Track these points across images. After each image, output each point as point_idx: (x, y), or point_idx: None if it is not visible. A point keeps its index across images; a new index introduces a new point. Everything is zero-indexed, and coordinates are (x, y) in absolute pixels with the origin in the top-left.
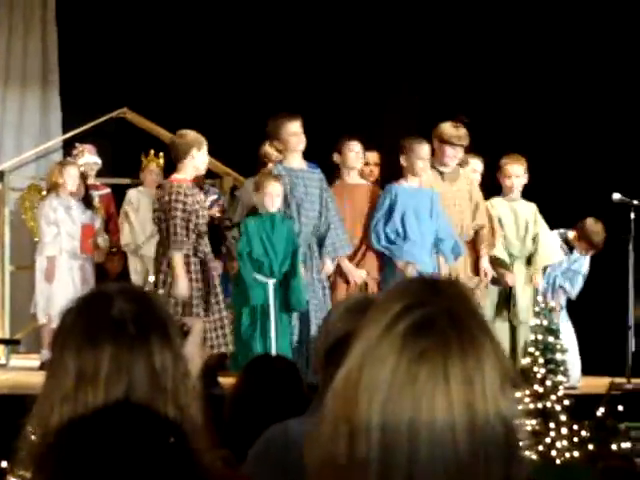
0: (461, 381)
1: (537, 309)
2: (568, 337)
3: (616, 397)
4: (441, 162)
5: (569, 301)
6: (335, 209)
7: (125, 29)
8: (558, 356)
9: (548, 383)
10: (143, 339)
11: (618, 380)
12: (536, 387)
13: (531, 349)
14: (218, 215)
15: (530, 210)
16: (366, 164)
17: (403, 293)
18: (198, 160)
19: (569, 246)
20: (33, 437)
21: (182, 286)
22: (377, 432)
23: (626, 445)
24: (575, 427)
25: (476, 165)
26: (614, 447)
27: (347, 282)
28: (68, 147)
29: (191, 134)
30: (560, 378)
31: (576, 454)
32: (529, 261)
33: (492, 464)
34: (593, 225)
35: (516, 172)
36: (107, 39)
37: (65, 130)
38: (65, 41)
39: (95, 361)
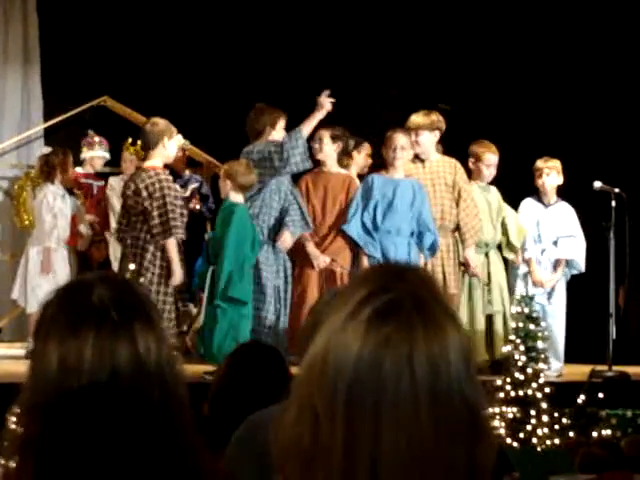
0: (426, 366)
1: (518, 297)
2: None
3: (597, 384)
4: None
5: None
6: (298, 192)
7: (106, 17)
8: (539, 344)
9: (529, 371)
10: (126, 325)
11: (599, 367)
12: (517, 375)
13: (512, 337)
14: (197, 207)
15: (497, 196)
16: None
17: (367, 279)
18: (169, 149)
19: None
20: (17, 427)
21: (178, 273)
22: (341, 417)
23: (607, 432)
24: (556, 415)
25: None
26: (595, 434)
27: (312, 267)
28: (49, 135)
29: (162, 123)
30: (541, 366)
31: (557, 441)
32: (500, 248)
33: (456, 449)
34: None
35: (492, 161)
36: (88, 27)
37: (46, 118)
38: (46, 29)
39: (78, 349)
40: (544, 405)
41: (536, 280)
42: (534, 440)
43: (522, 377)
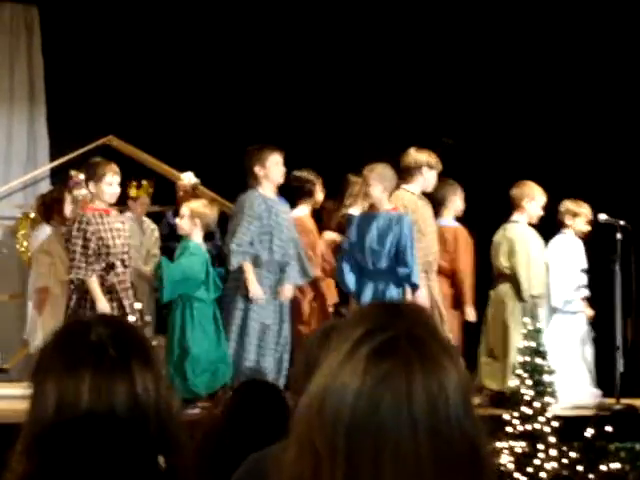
0: (424, 403)
1: (524, 331)
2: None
3: (605, 418)
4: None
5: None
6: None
7: (112, 57)
8: (546, 378)
9: (536, 405)
10: (124, 362)
11: (607, 401)
12: (524, 409)
13: (519, 371)
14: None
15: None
16: None
17: (364, 318)
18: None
19: None
20: (17, 466)
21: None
22: (342, 455)
23: (615, 466)
24: (564, 448)
25: None
26: (603, 468)
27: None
28: (56, 175)
29: (95, 164)
30: (548, 399)
31: (565, 475)
32: None
33: None
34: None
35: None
36: (93, 68)
37: (52, 158)
38: (51, 70)
39: (76, 388)
40: (552, 439)
41: None
42: (542, 474)
43: (530, 411)
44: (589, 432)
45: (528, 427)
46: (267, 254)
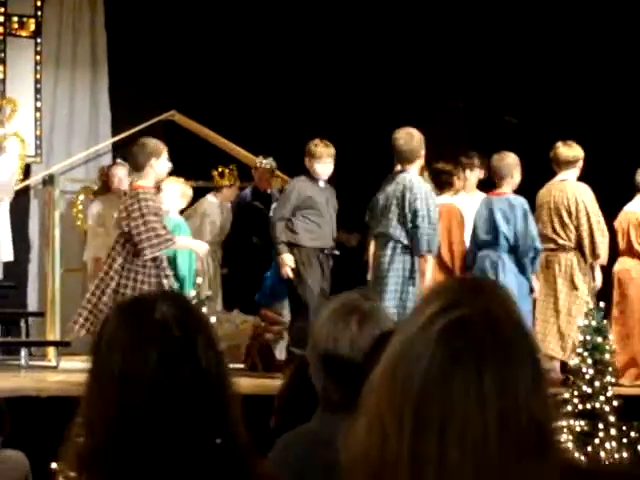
0: (494, 385)
1: (586, 309)
2: None
3: None
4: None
5: None
6: None
7: (174, 32)
8: (606, 357)
9: (597, 384)
10: (189, 341)
11: None
12: (585, 388)
13: (579, 349)
14: None
15: None
16: None
17: (441, 293)
18: (157, 168)
19: None
20: (80, 439)
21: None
22: (408, 431)
23: None
24: (624, 428)
25: None
26: None
27: None
28: (117, 150)
29: (150, 143)
30: (608, 378)
31: (625, 455)
32: None
33: (523, 467)
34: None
35: None
36: (156, 42)
37: (115, 133)
38: (114, 45)
39: (141, 366)
40: (612, 418)
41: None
42: (602, 454)
43: (590, 390)
44: None
45: (588, 406)
46: None
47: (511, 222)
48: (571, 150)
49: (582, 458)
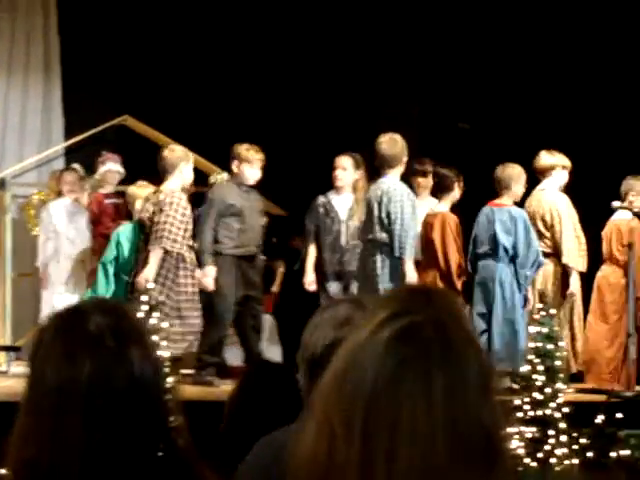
0: (443, 390)
1: (537, 316)
2: None
3: (616, 404)
4: None
5: None
6: None
7: (128, 37)
8: (557, 363)
9: (548, 390)
10: (123, 351)
11: (618, 388)
12: (535, 395)
13: (531, 356)
14: None
15: None
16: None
17: (391, 300)
18: (185, 174)
19: None
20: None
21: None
22: (358, 436)
23: (626, 453)
24: (574, 435)
25: None
26: (613, 455)
27: None
28: (70, 154)
29: (179, 149)
30: (559, 385)
31: (575, 462)
32: None
33: (472, 473)
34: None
35: None
36: (109, 47)
37: (67, 137)
38: (67, 49)
39: (74, 375)
40: (563, 425)
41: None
42: (552, 460)
43: (541, 397)
44: (600, 419)
45: (539, 413)
46: None
47: (511, 234)
48: (550, 158)
49: (533, 464)
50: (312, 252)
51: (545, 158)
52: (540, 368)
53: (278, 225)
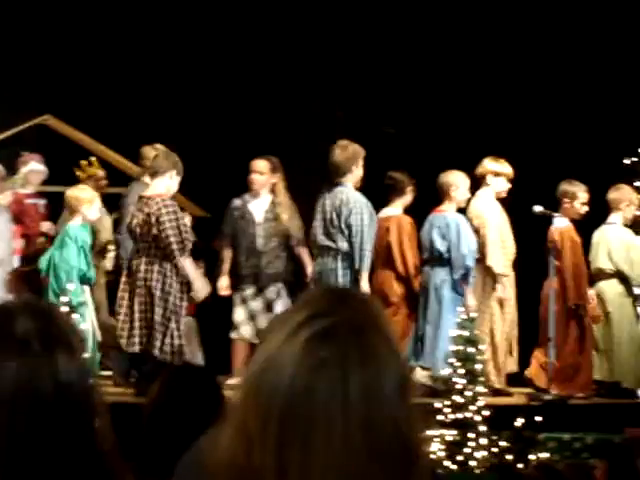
0: (359, 392)
1: (458, 320)
2: None
3: (535, 408)
4: None
5: None
6: None
7: (47, 35)
8: (478, 367)
9: (468, 393)
10: (48, 355)
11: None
12: (456, 397)
13: (451, 359)
14: None
15: None
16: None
17: (308, 303)
18: (174, 182)
19: None
20: None
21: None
22: (273, 440)
23: (544, 456)
24: (494, 437)
25: None
26: (532, 457)
27: None
28: None
29: (175, 156)
30: (479, 388)
31: (494, 464)
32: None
33: (389, 475)
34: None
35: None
36: (29, 45)
37: None
38: None
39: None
40: (482, 428)
41: None
42: (472, 463)
43: (461, 400)
44: (519, 422)
45: (459, 416)
46: None
47: (446, 239)
48: (480, 167)
49: (453, 467)
50: (228, 256)
51: (482, 165)
52: (461, 371)
53: (200, 226)
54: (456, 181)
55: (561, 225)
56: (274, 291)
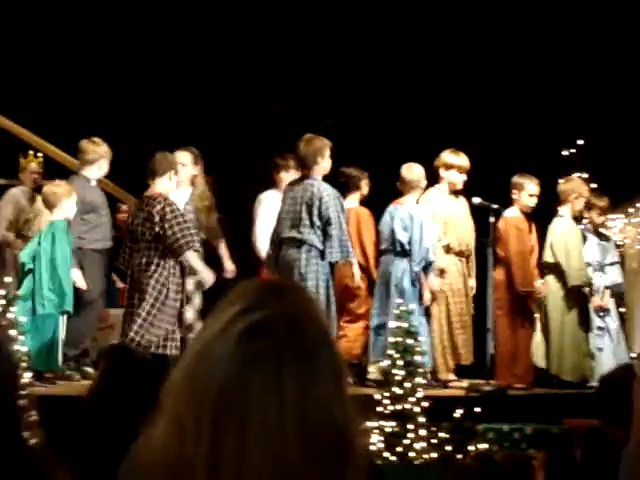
0: (294, 386)
1: (397, 311)
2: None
3: (474, 399)
4: None
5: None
6: None
7: None
8: (417, 358)
9: (407, 385)
10: None
11: (476, 382)
12: (395, 389)
13: (390, 351)
14: None
15: None
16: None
17: (243, 295)
18: (173, 182)
19: None
20: None
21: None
22: (207, 432)
23: (483, 446)
24: (433, 429)
25: None
26: (472, 448)
27: None
28: None
29: (171, 156)
30: (418, 380)
31: (434, 455)
32: None
33: (323, 469)
34: None
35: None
36: None
37: None
38: None
39: None
40: (422, 419)
41: None
42: (411, 454)
43: (400, 391)
44: (458, 413)
45: (398, 407)
46: None
47: (408, 231)
48: (437, 159)
49: (392, 458)
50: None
51: (439, 157)
52: (400, 363)
53: None
54: (420, 175)
55: (508, 214)
56: (192, 284)
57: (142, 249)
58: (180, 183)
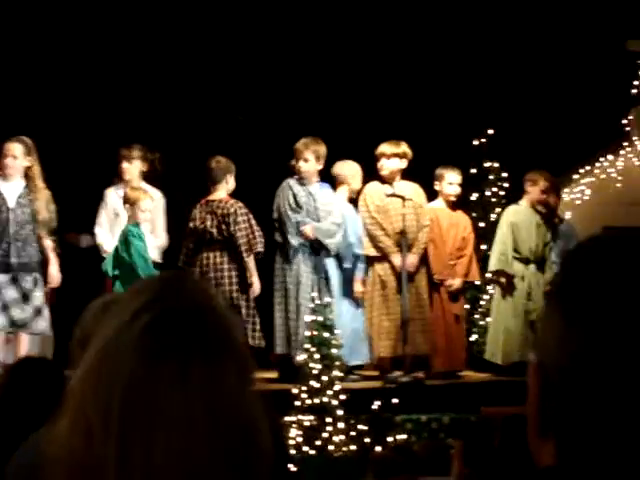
0: (200, 381)
1: (312, 305)
2: None
3: (391, 390)
4: None
5: None
6: None
7: None
8: (334, 351)
9: (324, 378)
10: None
11: (396, 374)
12: (312, 383)
13: (307, 345)
14: None
15: None
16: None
17: (146, 289)
18: (231, 183)
19: None
20: None
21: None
22: (115, 430)
23: (402, 437)
24: (352, 421)
25: None
26: (390, 439)
27: None
28: None
29: (224, 160)
30: (336, 373)
31: (353, 448)
32: None
33: (231, 465)
34: None
35: None
36: None
37: None
38: None
39: None
40: (340, 412)
41: None
42: (330, 447)
43: (317, 385)
44: (376, 404)
45: (316, 401)
46: None
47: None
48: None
49: (311, 452)
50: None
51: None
52: (316, 356)
53: None
54: (354, 171)
55: (431, 205)
56: (30, 281)
57: (213, 249)
58: (12, 175)
